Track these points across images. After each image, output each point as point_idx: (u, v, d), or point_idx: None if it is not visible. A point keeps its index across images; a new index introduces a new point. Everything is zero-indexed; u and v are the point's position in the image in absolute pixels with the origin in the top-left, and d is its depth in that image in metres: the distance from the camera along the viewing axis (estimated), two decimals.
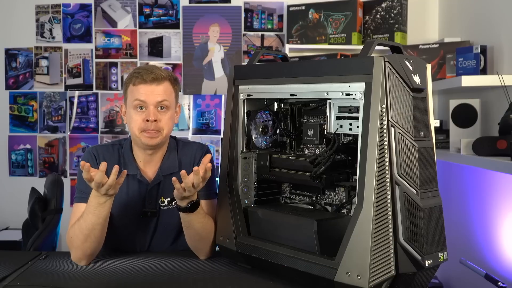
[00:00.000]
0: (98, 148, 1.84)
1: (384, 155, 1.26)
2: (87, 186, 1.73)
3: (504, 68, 2.54)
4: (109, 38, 3.74)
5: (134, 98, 1.72)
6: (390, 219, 1.27)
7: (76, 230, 1.64)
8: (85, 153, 1.84)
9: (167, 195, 1.80)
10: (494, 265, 2.49)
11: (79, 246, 1.65)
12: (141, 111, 1.72)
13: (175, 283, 1.51)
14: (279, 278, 1.52)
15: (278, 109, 1.72)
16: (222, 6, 3.72)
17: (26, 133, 3.77)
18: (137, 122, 1.72)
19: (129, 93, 1.76)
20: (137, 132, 1.72)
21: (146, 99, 1.71)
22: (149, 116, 1.70)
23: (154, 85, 1.72)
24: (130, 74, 1.78)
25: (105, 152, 1.82)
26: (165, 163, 1.81)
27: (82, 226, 1.63)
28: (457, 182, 2.95)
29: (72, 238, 1.66)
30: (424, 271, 1.31)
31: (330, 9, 3.43)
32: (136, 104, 1.72)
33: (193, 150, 1.86)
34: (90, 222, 1.62)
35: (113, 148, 1.84)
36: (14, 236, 3.35)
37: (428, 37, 3.57)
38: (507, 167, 1.95)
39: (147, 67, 1.77)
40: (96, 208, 1.60)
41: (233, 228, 1.61)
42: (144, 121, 1.71)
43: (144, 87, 1.72)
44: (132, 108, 1.73)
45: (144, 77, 1.72)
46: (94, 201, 1.60)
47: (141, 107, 1.72)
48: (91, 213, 1.61)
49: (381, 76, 1.27)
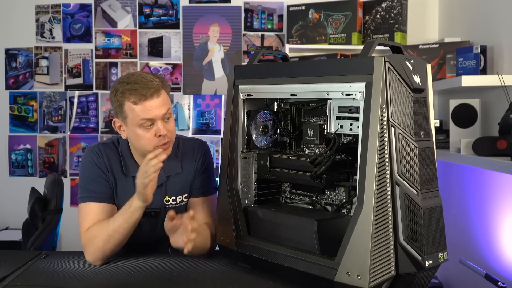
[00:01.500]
0: (100, 146, 1.81)
1: (385, 155, 1.26)
2: (95, 185, 1.73)
3: (504, 68, 2.54)
4: (109, 38, 3.74)
5: (140, 117, 1.65)
6: (390, 219, 1.27)
7: (101, 230, 1.64)
8: (87, 151, 1.80)
9: (171, 194, 1.81)
10: (494, 265, 2.49)
11: (100, 247, 1.65)
12: (149, 128, 1.67)
13: (175, 283, 1.51)
14: (279, 278, 1.52)
15: (278, 109, 1.72)
16: (222, 6, 3.72)
17: (26, 133, 3.77)
18: (150, 139, 1.67)
19: (128, 111, 1.67)
20: (150, 148, 1.67)
21: (153, 115, 1.65)
22: (160, 131, 1.66)
23: (155, 98, 1.66)
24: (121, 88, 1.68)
25: (108, 150, 1.80)
26: (167, 165, 1.76)
27: (109, 227, 1.63)
28: (457, 182, 2.95)
29: (94, 239, 1.65)
30: (424, 271, 1.31)
31: (330, 9, 3.43)
32: (142, 123, 1.66)
33: (193, 148, 1.85)
34: (118, 224, 1.63)
35: (113, 147, 1.82)
36: (14, 236, 3.35)
37: (428, 37, 3.57)
38: (507, 167, 1.95)
39: (137, 80, 1.67)
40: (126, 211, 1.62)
41: (233, 228, 1.61)
42: (156, 137, 1.67)
43: (148, 104, 1.65)
44: (137, 126, 1.67)
45: (144, 93, 1.64)
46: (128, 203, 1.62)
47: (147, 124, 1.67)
48: (121, 215, 1.63)
49: (381, 76, 1.27)
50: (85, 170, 1.79)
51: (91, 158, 1.78)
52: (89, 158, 1.78)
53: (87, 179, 1.77)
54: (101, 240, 1.64)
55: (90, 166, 1.77)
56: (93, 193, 1.73)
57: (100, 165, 1.76)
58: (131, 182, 1.76)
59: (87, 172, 1.78)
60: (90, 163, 1.77)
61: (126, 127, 1.72)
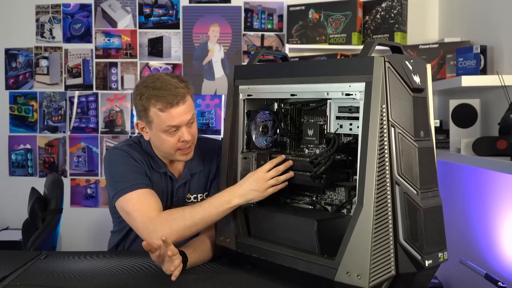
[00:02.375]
0: (125, 147, 1.80)
1: (384, 155, 1.26)
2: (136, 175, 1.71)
3: (504, 68, 2.54)
4: (109, 38, 3.74)
5: (166, 124, 1.67)
6: (390, 219, 1.27)
7: (185, 216, 1.60)
8: (114, 151, 1.78)
9: (193, 191, 1.85)
10: (494, 265, 2.49)
11: (178, 231, 1.60)
12: (173, 133, 1.69)
13: (175, 283, 1.51)
14: (279, 278, 1.52)
15: (278, 109, 1.72)
16: (222, 6, 3.72)
17: (26, 133, 3.77)
18: (173, 144, 1.70)
19: (154, 117, 1.68)
20: (173, 152, 1.73)
21: (179, 123, 1.68)
22: (184, 137, 1.69)
23: (181, 105, 1.67)
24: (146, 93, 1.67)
25: (133, 149, 1.80)
26: (190, 163, 1.83)
27: (196, 215, 1.60)
28: (457, 182, 2.95)
29: (173, 222, 1.60)
30: (424, 271, 1.31)
31: (330, 9, 3.43)
32: (168, 129, 1.68)
33: (215, 147, 1.89)
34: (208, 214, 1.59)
35: (136, 146, 1.82)
36: (14, 236, 3.35)
37: (428, 37, 3.57)
38: (507, 167, 1.95)
39: (163, 86, 1.67)
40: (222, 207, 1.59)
41: (233, 228, 1.61)
42: (180, 142, 1.71)
43: (174, 111, 1.66)
44: (162, 132, 1.69)
45: (169, 101, 1.65)
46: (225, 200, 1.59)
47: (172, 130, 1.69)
48: (215, 207, 1.59)
49: (381, 76, 1.27)
50: (119, 164, 1.75)
51: (122, 153, 1.76)
52: (120, 153, 1.76)
53: (124, 171, 1.72)
54: (183, 225, 1.60)
55: (125, 159, 1.75)
56: (139, 181, 1.70)
57: (135, 157, 1.76)
58: (158, 175, 1.79)
59: (122, 165, 1.74)
60: (123, 157, 1.75)
61: (150, 130, 1.73)
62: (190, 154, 1.76)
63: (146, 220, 1.63)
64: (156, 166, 1.80)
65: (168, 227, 1.60)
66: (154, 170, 1.80)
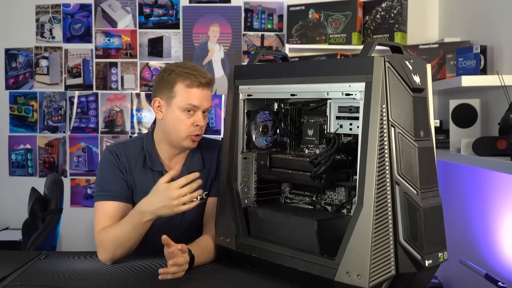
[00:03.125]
0: (119, 146, 1.81)
1: (384, 155, 1.26)
2: (112, 185, 1.74)
3: (504, 68, 2.54)
4: (109, 38, 3.74)
5: (187, 101, 1.70)
6: (390, 219, 1.27)
7: (111, 235, 1.64)
8: (106, 152, 1.81)
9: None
10: (494, 265, 2.49)
11: (110, 250, 1.65)
12: (189, 114, 1.71)
13: (175, 283, 1.51)
14: (279, 278, 1.52)
15: (278, 109, 1.72)
16: (222, 6, 3.72)
17: (26, 133, 3.77)
18: (187, 126, 1.72)
19: (178, 92, 1.71)
20: (183, 135, 1.73)
21: (200, 104, 1.71)
22: (200, 121, 1.72)
23: (206, 89, 1.73)
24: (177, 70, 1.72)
25: (127, 149, 1.81)
26: (189, 161, 1.83)
27: (118, 234, 1.63)
28: (457, 182, 2.95)
29: (105, 241, 1.65)
30: (424, 271, 1.31)
31: (330, 9, 3.43)
32: (188, 107, 1.71)
33: (216, 147, 1.88)
34: (127, 235, 1.63)
35: (134, 145, 1.82)
36: (14, 236, 3.35)
37: (428, 37, 3.57)
38: (507, 167, 1.95)
39: (195, 68, 1.73)
40: (136, 224, 1.61)
41: (233, 228, 1.61)
42: (193, 126, 1.72)
43: (199, 91, 1.71)
44: (180, 110, 1.71)
45: (200, 80, 1.70)
46: (137, 218, 1.60)
47: (189, 110, 1.71)
48: (130, 226, 1.62)
49: (381, 76, 1.27)
50: (103, 170, 1.79)
51: (109, 158, 1.78)
52: (108, 157, 1.79)
53: (104, 178, 1.77)
54: (111, 245, 1.65)
55: (108, 166, 1.78)
56: (110, 192, 1.73)
57: (118, 165, 1.77)
58: (150, 175, 1.78)
59: (104, 171, 1.78)
60: (108, 163, 1.78)
61: (167, 107, 1.74)
62: (197, 143, 1.77)
63: (95, 234, 1.71)
64: (152, 163, 1.79)
65: (102, 247, 1.67)
66: (148, 168, 1.80)
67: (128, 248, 1.66)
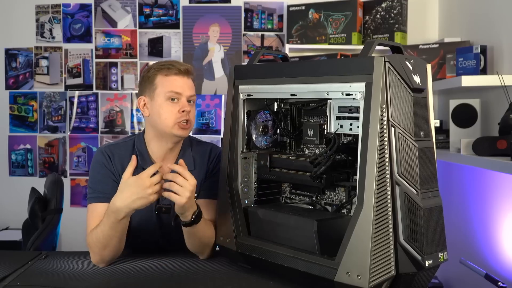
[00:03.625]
0: (111, 147, 1.81)
1: (384, 155, 1.26)
2: (103, 186, 1.73)
3: (504, 68, 2.54)
4: (109, 38, 3.74)
5: (169, 89, 1.72)
6: (390, 219, 1.27)
7: (94, 238, 1.64)
8: (97, 153, 1.81)
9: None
10: (494, 265, 2.49)
11: (98, 253, 1.65)
12: (173, 103, 1.73)
13: (175, 283, 1.51)
14: (279, 278, 1.52)
15: (278, 109, 1.72)
16: (222, 6, 3.72)
17: (26, 133, 3.77)
18: (172, 113, 1.72)
19: (159, 84, 1.74)
20: (171, 123, 1.72)
21: (182, 91, 1.73)
22: (185, 107, 1.72)
23: (186, 77, 1.76)
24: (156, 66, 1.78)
25: (119, 150, 1.80)
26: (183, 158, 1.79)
27: (99, 236, 1.63)
28: (457, 182, 2.95)
29: (92, 244, 1.65)
30: (424, 271, 1.31)
31: (330, 9, 3.43)
32: (170, 95, 1.72)
33: (207, 150, 1.86)
34: (107, 234, 1.62)
35: (125, 145, 1.82)
36: (14, 236, 3.35)
37: (428, 37, 3.57)
38: (507, 167, 1.95)
39: (172, 61, 1.78)
40: (113, 223, 1.60)
41: (233, 228, 1.61)
42: (179, 112, 1.72)
43: (179, 79, 1.74)
44: (164, 99, 1.72)
45: (179, 68, 1.74)
46: (112, 216, 1.60)
47: (173, 98, 1.72)
48: (108, 225, 1.61)
49: (381, 76, 1.27)
50: (94, 171, 1.79)
51: (100, 159, 1.78)
52: (99, 159, 1.79)
53: (95, 179, 1.77)
54: (97, 248, 1.64)
55: (99, 167, 1.77)
56: (101, 194, 1.73)
57: (109, 166, 1.77)
58: None
59: (95, 173, 1.78)
60: (99, 164, 1.78)
61: (151, 102, 1.75)
62: (187, 131, 1.75)
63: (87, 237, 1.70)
64: (144, 162, 1.78)
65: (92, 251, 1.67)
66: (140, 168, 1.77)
67: (113, 248, 1.64)
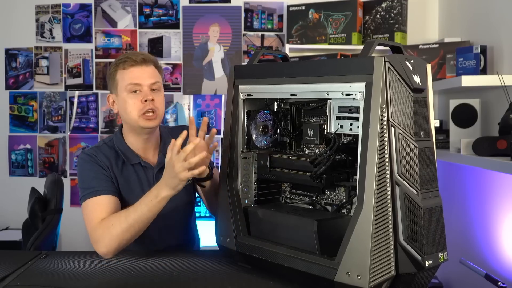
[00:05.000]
0: (94, 149, 1.83)
1: (384, 155, 1.26)
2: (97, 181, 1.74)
3: (504, 68, 2.54)
4: (109, 38, 3.74)
5: (128, 82, 1.74)
6: (390, 219, 1.27)
7: (121, 218, 1.62)
8: (82, 155, 1.81)
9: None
10: (494, 265, 2.49)
11: (118, 236, 1.62)
12: (136, 94, 1.74)
13: (175, 283, 1.51)
14: (279, 278, 1.52)
15: (278, 109, 1.72)
16: (222, 6, 3.72)
17: (26, 133, 3.77)
18: (135, 105, 1.73)
19: (119, 78, 1.76)
20: (136, 116, 1.74)
21: (141, 81, 1.74)
22: (147, 96, 1.73)
23: (144, 66, 1.76)
24: (114, 63, 1.80)
25: (102, 150, 1.82)
26: (164, 148, 1.81)
27: (130, 216, 1.61)
28: (457, 182, 2.95)
29: (111, 228, 1.62)
30: (424, 271, 1.31)
31: (330, 9, 3.43)
32: (131, 88, 1.74)
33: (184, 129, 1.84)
34: (140, 213, 1.60)
35: (107, 146, 1.84)
36: (14, 236, 3.35)
37: (428, 37, 3.57)
38: (507, 167, 1.95)
39: (129, 53, 1.80)
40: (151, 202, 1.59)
41: (233, 228, 1.61)
42: (142, 102, 1.73)
43: (136, 69, 1.75)
44: (126, 92, 1.74)
45: (134, 58, 1.75)
46: (153, 194, 1.59)
47: (135, 90, 1.74)
48: (146, 204, 1.60)
49: (381, 76, 1.27)
50: (84, 170, 1.79)
51: (87, 159, 1.79)
52: (86, 159, 1.79)
53: (87, 177, 1.76)
54: (120, 229, 1.62)
55: (89, 166, 1.78)
56: (98, 188, 1.73)
57: (98, 162, 1.78)
58: (131, 170, 1.81)
59: (86, 172, 1.78)
60: (88, 163, 1.78)
61: (117, 98, 1.79)
62: (154, 121, 1.75)
63: (92, 229, 1.69)
64: (129, 158, 1.81)
65: (108, 234, 1.63)
66: (127, 164, 1.81)
67: (137, 232, 1.63)
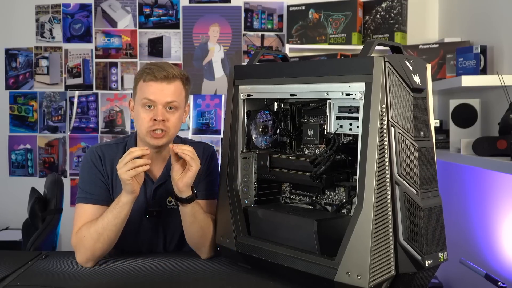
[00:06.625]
0: (103, 147, 1.80)
1: (384, 155, 1.26)
2: (92, 187, 1.73)
3: (504, 68, 2.54)
4: (109, 38, 3.74)
5: (143, 96, 1.68)
6: (390, 219, 1.27)
7: (91, 229, 1.62)
8: (88, 152, 1.80)
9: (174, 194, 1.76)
10: (494, 265, 2.49)
11: (90, 247, 1.63)
12: (149, 110, 1.68)
13: (175, 283, 1.51)
14: (279, 278, 1.52)
15: (278, 109, 1.72)
16: (222, 6, 3.72)
17: (26, 133, 3.77)
18: (144, 121, 1.68)
19: (138, 89, 1.71)
20: (144, 131, 1.69)
21: (155, 98, 1.67)
22: (157, 116, 1.66)
23: (165, 83, 1.68)
24: (141, 69, 1.74)
25: (110, 151, 1.79)
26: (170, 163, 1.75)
27: (98, 225, 1.62)
28: (457, 182, 2.95)
29: (83, 238, 1.63)
30: (424, 271, 1.31)
31: (330, 9, 3.43)
32: (145, 102, 1.68)
33: (200, 150, 1.81)
34: (107, 221, 1.61)
35: (117, 147, 1.81)
36: (14, 236, 3.35)
37: (428, 37, 3.57)
38: (507, 167, 1.95)
39: (159, 64, 1.72)
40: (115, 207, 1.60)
41: (233, 228, 1.61)
42: (151, 120, 1.67)
43: (154, 85, 1.68)
44: (140, 106, 1.69)
45: (155, 74, 1.67)
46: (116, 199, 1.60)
47: (149, 105, 1.68)
48: (110, 212, 1.61)
49: (381, 76, 1.27)
50: (84, 171, 1.78)
51: (91, 159, 1.77)
52: (89, 159, 1.78)
53: (84, 180, 1.76)
54: (91, 239, 1.62)
55: (89, 168, 1.77)
56: (89, 195, 1.72)
57: (99, 167, 1.76)
58: None
59: (85, 173, 1.77)
60: (89, 164, 1.77)
61: (135, 105, 1.75)
62: (162, 140, 1.70)
63: (72, 236, 1.69)
64: None
65: (82, 247, 1.64)
66: None
67: (108, 240, 1.63)
